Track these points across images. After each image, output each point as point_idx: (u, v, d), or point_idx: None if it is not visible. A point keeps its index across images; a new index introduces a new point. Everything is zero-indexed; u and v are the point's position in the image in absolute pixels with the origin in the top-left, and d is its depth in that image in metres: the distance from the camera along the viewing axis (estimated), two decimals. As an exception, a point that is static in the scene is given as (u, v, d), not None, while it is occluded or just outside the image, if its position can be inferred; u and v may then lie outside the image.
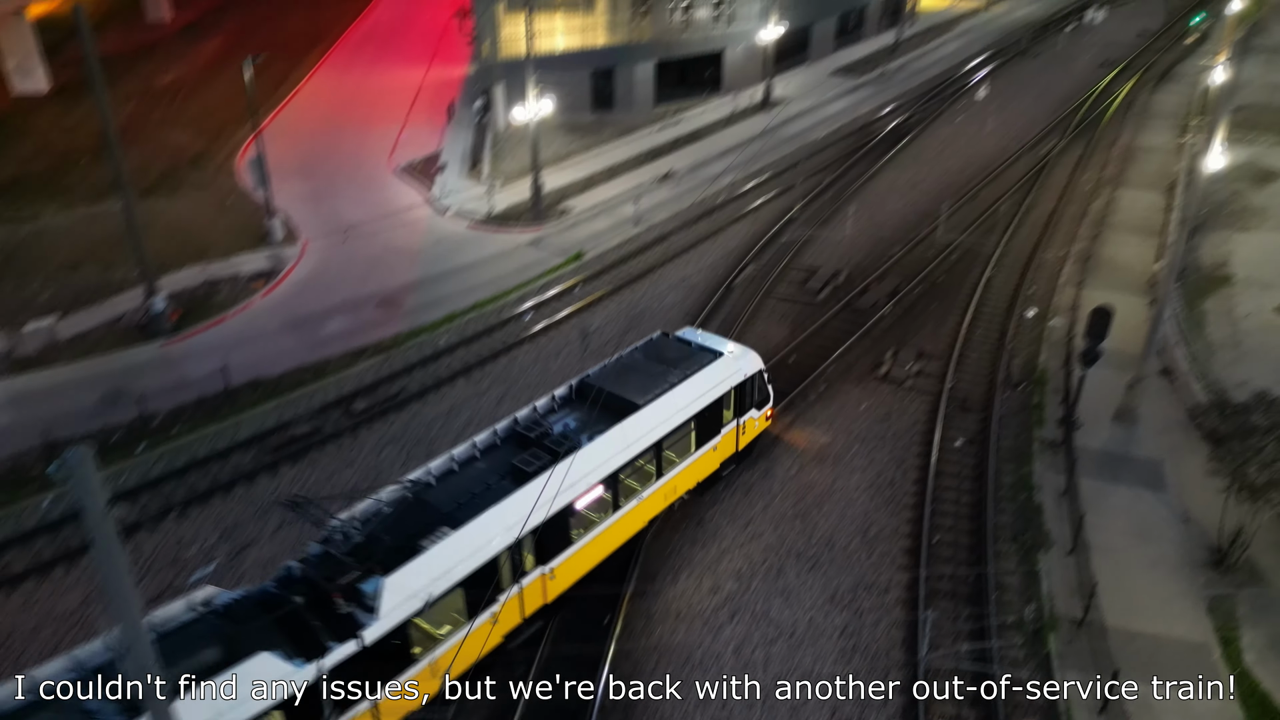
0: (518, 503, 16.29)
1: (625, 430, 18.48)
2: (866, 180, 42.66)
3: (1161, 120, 50.17)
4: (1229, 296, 30.83)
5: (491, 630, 16.47)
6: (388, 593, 14.35)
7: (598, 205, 39.81)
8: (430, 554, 15.13)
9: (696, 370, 20.47)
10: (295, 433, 25.00)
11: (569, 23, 48.62)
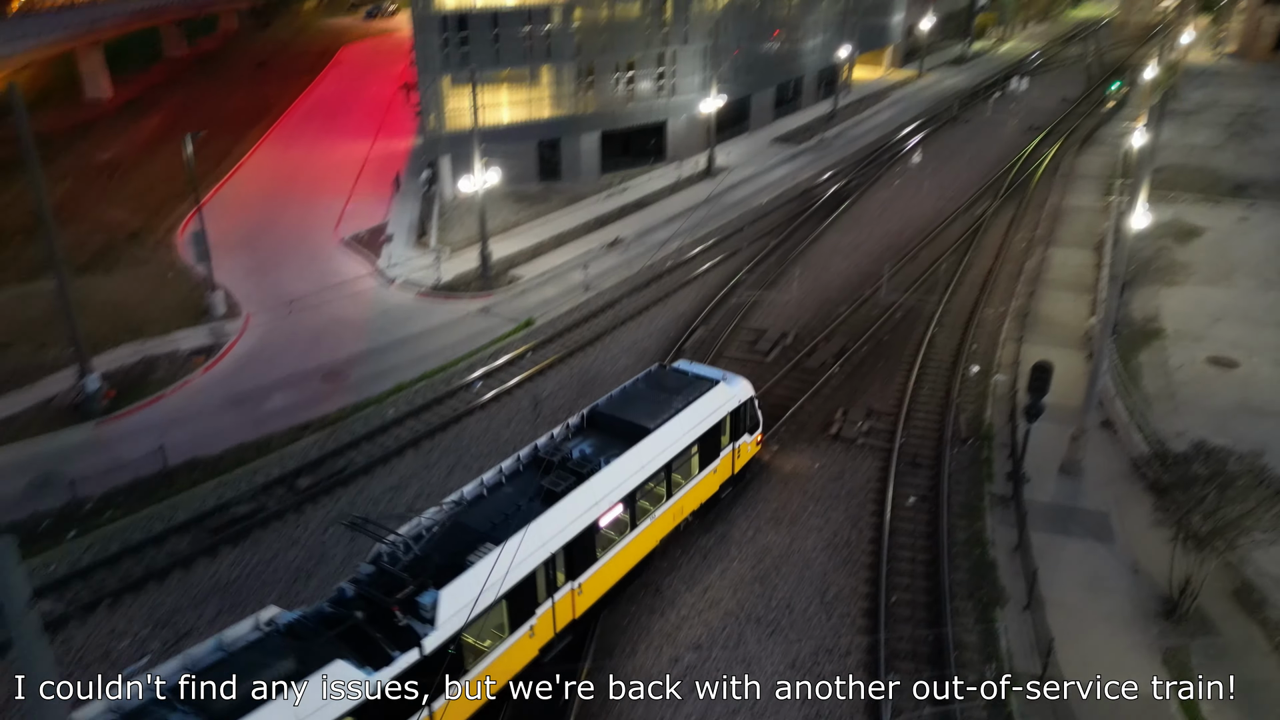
0: (550, 521, 17.58)
1: (639, 453, 19.89)
2: (810, 243, 43.58)
3: (1087, 181, 52.41)
4: (1162, 349, 31.84)
5: (529, 643, 17.58)
6: (444, 604, 15.33)
7: (547, 272, 39.94)
8: (477, 568, 16.10)
9: (697, 397, 22.01)
10: (236, 513, 24.15)
11: (514, 95, 49.43)
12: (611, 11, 50.43)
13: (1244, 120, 64.96)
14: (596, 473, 18.90)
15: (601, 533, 19.05)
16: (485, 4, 45.84)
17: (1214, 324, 33.47)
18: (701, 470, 22.18)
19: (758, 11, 61.94)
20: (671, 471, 20.87)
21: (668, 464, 20.61)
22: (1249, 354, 31.24)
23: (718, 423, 22.20)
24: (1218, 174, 52.33)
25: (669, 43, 53.56)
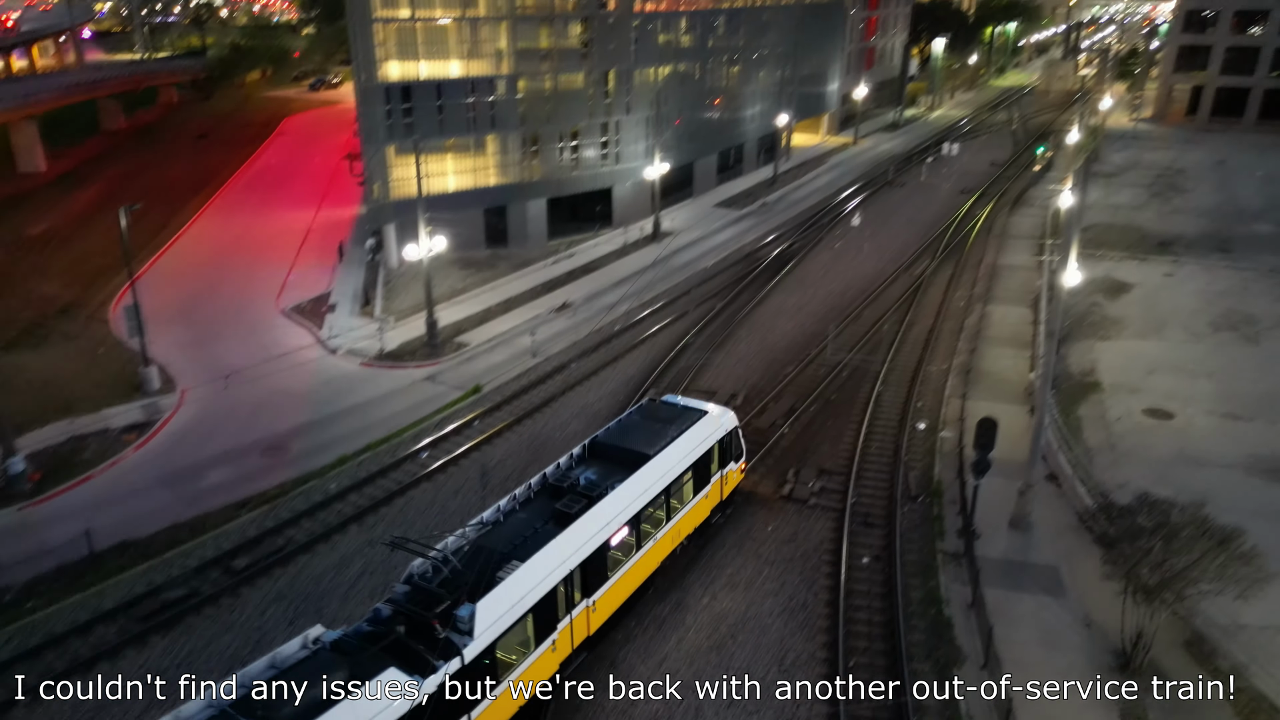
0: (566, 541, 18.76)
1: (641, 478, 21.26)
2: (756, 305, 44.06)
3: (1020, 241, 54.18)
4: (1100, 402, 32.59)
5: (552, 658, 18.60)
6: (480, 616, 16.40)
7: (495, 338, 39.65)
8: (506, 584, 17.21)
9: (690, 426, 23.58)
10: (168, 597, 22.99)
11: (460, 163, 49.67)
12: (555, 82, 51.31)
13: (1163, 181, 68.14)
14: (605, 496, 20.17)
15: (611, 553, 20.26)
16: (429, 75, 46.28)
17: (1148, 376, 34.43)
18: (695, 495, 23.56)
19: (698, 82, 63.64)
20: (670, 496, 22.29)
21: (666, 488, 22.07)
22: (1183, 405, 32.12)
23: (708, 450, 23.71)
24: (1142, 232, 54.56)
25: (612, 112, 54.57)
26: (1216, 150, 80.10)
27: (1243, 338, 38.15)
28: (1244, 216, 58.09)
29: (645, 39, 55.75)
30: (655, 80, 57.76)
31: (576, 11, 52.43)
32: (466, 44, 47.70)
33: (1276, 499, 26.26)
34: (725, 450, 24.66)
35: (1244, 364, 35.51)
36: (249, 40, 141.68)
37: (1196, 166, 73.40)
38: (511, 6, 48.21)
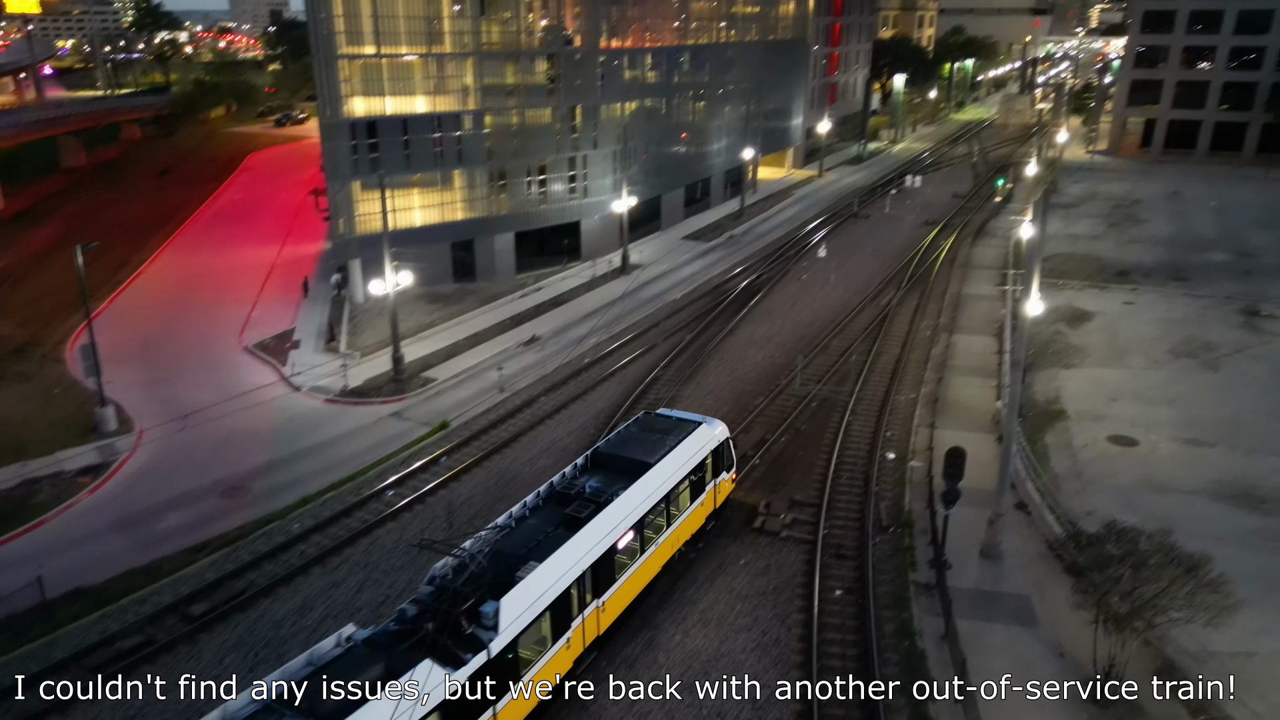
0: (578, 544, 19.64)
1: (643, 485, 22.20)
2: (725, 336, 44.13)
3: (983, 271, 54.96)
4: (1065, 430, 32.88)
5: (566, 654, 19.51)
6: (504, 612, 17.32)
7: (462, 373, 39.26)
8: (526, 583, 18.09)
9: (685, 436, 24.68)
10: (122, 646, 22.17)
11: (426, 198, 49.51)
12: (522, 118, 51.50)
13: (1120, 212, 69.70)
14: (611, 502, 21.11)
15: (619, 556, 21.17)
16: (395, 110, 46.23)
17: (1111, 403, 34.84)
18: (692, 503, 24.58)
19: (664, 117, 64.27)
20: (670, 503, 23.24)
21: (667, 495, 23.02)
22: (1146, 432, 32.49)
23: (703, 459, 24.80)
24: (1101, 261, 55.62)
25: (579, 147, 54.82)
26: (1170, 181, 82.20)
27: (1202, 364, 38.80)
28: (1199, 246, 59.47)
29: (611, 75, 56.27)
30: (622, 115, 58.22)
31: (542, 48, 52.86)
32: (432, 80, 47.79)
33: (1240, 524, 26.52)
34: (718, 459, 25.79)
35: (1204, 390, 36.08)
36: (213, 76, 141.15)
37: (1151, 197, 75.21)
38: (477, 43, 48.44)
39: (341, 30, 43.63)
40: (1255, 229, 64.06)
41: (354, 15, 43.79)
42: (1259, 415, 33.78)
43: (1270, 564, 24.56)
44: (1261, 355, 39.78)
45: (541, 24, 53.58)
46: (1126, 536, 19.35)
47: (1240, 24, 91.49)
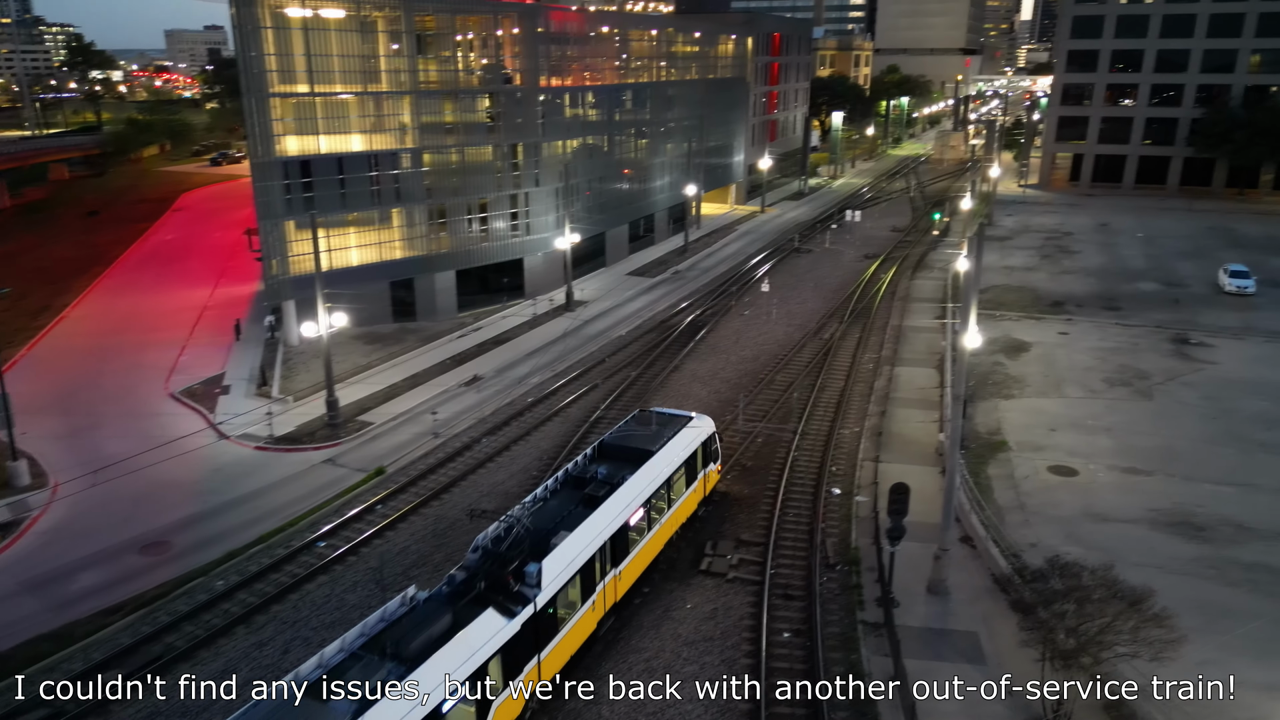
0: (598, 518, 22.50)
1: (648, 469, 25.13)
2: (670, 373, 43.78)
3: (923, 303, 55.65)
4: (1007, 461, 33.02)
5: (592, 616, 22.17)
6: (546, 571, 19.99)
7: (400, 415, 38.18)
8: (560, 549, 20.89)
9: (680, 429, 27.71)
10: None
11: (364, 237, 48.55)
12: (462, 156, 50.99)
13: (1052, 244, 71.53)
14: (623, 484, 23.95)
15: (631, 531, 23.81)
16: (329, 149, 45.37)
17: (1051, 434, 35.17)
18: (688, 488, 27.48)
19: (607, 154, 64.39)
20: (670, 486, 26.09)
21: (667, 479, 25.85)
22: (1086, 461, 32.79)
23: (695, 450, 27.69)
24: (1036, 292, 56.77)
25: (521, 184, 54.45)
26: (1099, 214, 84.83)
27: (1137, 393, 39.51)
28: (1129, 276, 61.15)
29: (552, 113, 56.19)
30: (564, 152, 58.12)
31: (481, 87, 52.59)
32: (369, 118, 47.11)
33: (1179, 552, 26.71)
34: (707, 450, 28.76)
35: (1139, 419, 36.65)
36: (147, 115, 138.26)
37: (1082, 229, 77.42)
38: (414, 82, 47.95)
39: (274, 69, 42.78)
40: (1181, 259, 66.18)
41: (286, 54, 43.01)
42: (1192, 442, 34.36)
43: (1211, 593, 24.69)
44: (1192, 382, 40.66)
45: (481, 63, 53.43)
46: (1070, 571, 19.21)
47: (1160, 63, 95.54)
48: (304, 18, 42.89)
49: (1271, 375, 41.49)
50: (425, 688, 16.37)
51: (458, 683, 17.13)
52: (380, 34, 47.53)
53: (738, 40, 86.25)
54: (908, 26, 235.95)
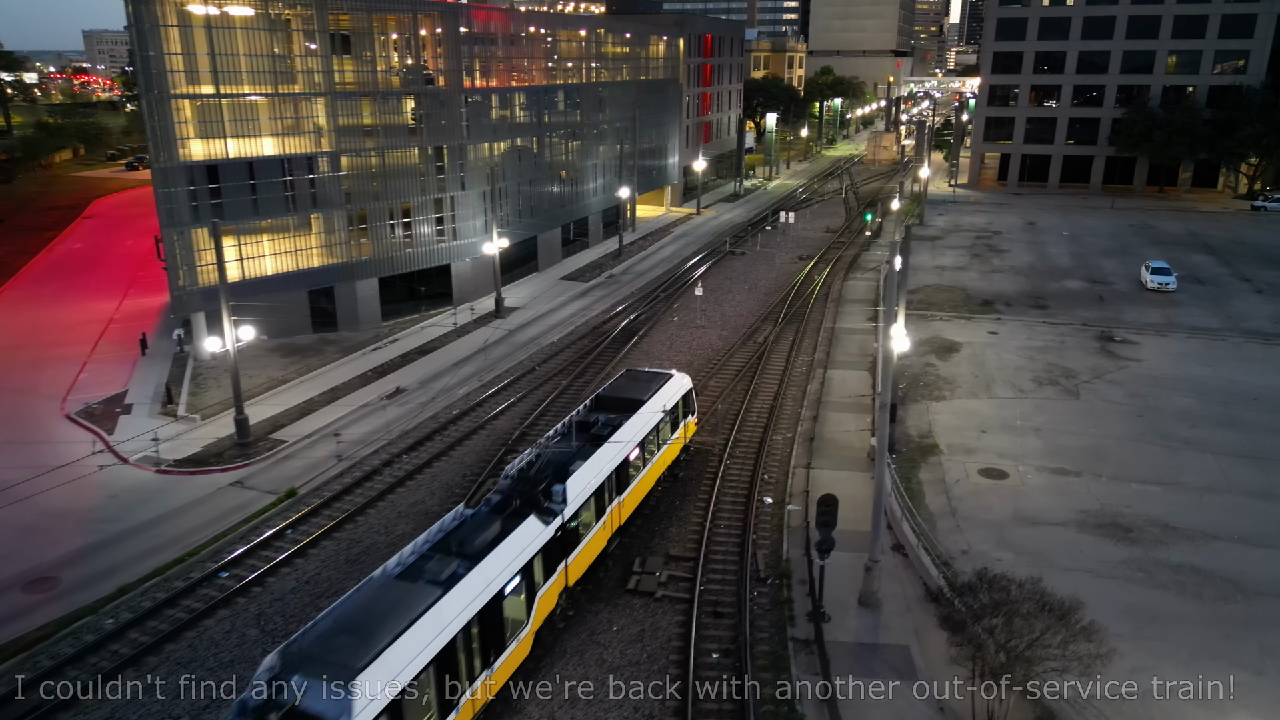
0: (604, 453, 26.08)
1: (640, 416, 28.61)
2: (601, 380, 42.68)
3: (855, 305, 55.55)
4: (939, 465, 32.71)
5: (602, 534, 25.72)
6: (570, 489, 23.59)
7: (316, 432, 36.39)
8: (578, 474, 24.46)
9: (664, 383, 31.35)
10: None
11: (280, 244, 46.43)
12: (383, 159, 49.19)
13: (982, 243, 72.35)
14: (621, 426, 27.54)
15: (629, 467, 27.35)
16: (239, 153, 43.21)
17: (982, 435, 35.02)
18: (672, 433, 31.02)
19: (537, 156, 63.02)
20: (658, 431, 29.53)
21: (656, 425, 29.24)
22: (1016, 463, 32.65)
23: (677, 402, 31.34)
24: (967, 292, 57.15)
25: (446, 188, 52.84)
26: (1027, 212, 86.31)
27: (1064, 391, 39.70)
28: (1056, 274, 62.02)
29: (478, 115, 54.68)
30: (491, 155, 56.66)
31: (402, 88, 50.81)
32: (282, 120, 45.06)
33: (1108, 555, 26.56)
34: (686, 403, 32.44)
35: (1067, 418, 36.75)
36: (59, 118, 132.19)
37: (1010, 228, 78.57)
38: (330, 83, 46.06)
39: (176, 69, 40.56)
40: (1105, 256, 67.45)
41: (189, 53, 40.81)
42: (1118, 441, 34.51)
43: (1140, 597, 24.54)
44: (1118, 380, 41.05)
45: (402, 63, 51.65)
46: (998, 585, 18.66)
47: (1082, 64, 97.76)
48: (207, 15, 40.73)
49: (1193, 371, 42.14)
50: (489, 576, 20.07)
51: (511, 574, 20.76)
52: (293, 33, 45.54)
53: (669, 41, 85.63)
54: (840, 29, 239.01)
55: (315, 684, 15.76)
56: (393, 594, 18.57)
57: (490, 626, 19.75)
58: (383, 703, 16.02)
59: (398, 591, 18.69)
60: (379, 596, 18.52)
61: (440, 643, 17.90)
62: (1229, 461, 32.68)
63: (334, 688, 15.61)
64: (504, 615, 20.31)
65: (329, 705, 15.46)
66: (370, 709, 15.75)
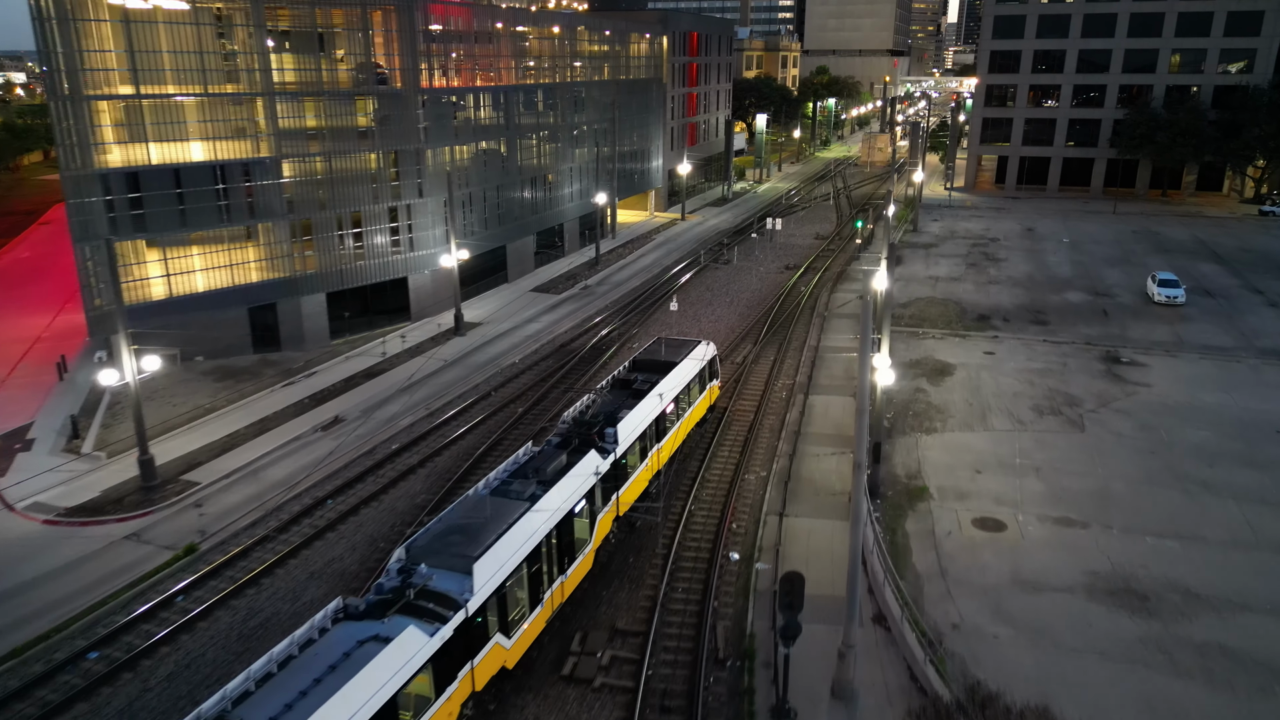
0: (645, 404, 28.88)
1: (674, 375, 31.35)
2: (564, 407, 39.07)
3: (842, 320, 51.83)
4: (928, 512, 29.04)
5: (645, 474, 28.88)
6: (620, 432, 26.97)
7: (236, 472, 32.67)
8: (626, 419, 27.56)
9: (693, 348, 33.93)
10: None
11: (212, 258, 42.64)
12: (329, 165, 45.46)
13: (979, 250, 68.71)
14: (658, 384, 30.13)
15: (665, 419, 30.05)
16: (163, 159, 39.43)
17: (976, 476, 31.36)
18: (700, 393, 34.03)
19: (506, 160, 59.29)
20: (688, 390, 32.36)
21: (686, 384, 32.04)
22: (1014, 510, 28.98)
23: (704, 366, 34.06)
24: (962, 305, 53.51)
25: (402, 196, 49.14)
26: (1025, 218, 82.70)
27: (1068, 422, 36.05)
28: (1056, 285, 58.40)
29: (439, 116, 50.95)
30: (455, 160, 52.95)
31: (352, 88, 47.05)
32: (214, 124, 41.28)
33: (1122, 631, 22.90)
34: (712, 367, 35.42)
35: (1071, 454, 33.10)
36: (29, 119, 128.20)
37: (1008, 235, 74.95)
38: (268, 82, 42.31)
39: (90, 68, 36.81)
40: (1107, 266, 63.86)
41: (105, 50, 37.06)
42: (1129, 483, 30.86)
43: (1160, 686, 20.87)
44: (1125, 409, 37.40)
45: (350, 60, 47.85)
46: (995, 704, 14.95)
47: (1082, 63, 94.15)
48: (125, 7, 36.97)
49: (1208, 399, 38.51)
50: (563, 496, 23.23)
51: (579, 497, 23.92)
52: (226, 28, 41.79)
53: (651, 40, 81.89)
54: (835, 28, 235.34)
55: (442, 570, 19.60)
56: (488, 507, 22.05)
57: (564, 539, 23.33)
58: (492, 586, 19.93)
59: (492, 505, 22.15)
60: (478, 508, 22.04)
61: (529, 546, 21.48)
62: (1254, 510, 29.03)
63: (457, 573, 19.53)
64: (573, 531, 23.94)
65: (454, 584, 19.34)
66: (485, 589, 19.65)
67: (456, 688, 18.72)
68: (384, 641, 17.08)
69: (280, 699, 15.53)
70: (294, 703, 15.40)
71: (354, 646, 16.99)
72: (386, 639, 17.14)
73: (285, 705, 15.34)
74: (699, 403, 33.91)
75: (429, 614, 18.41)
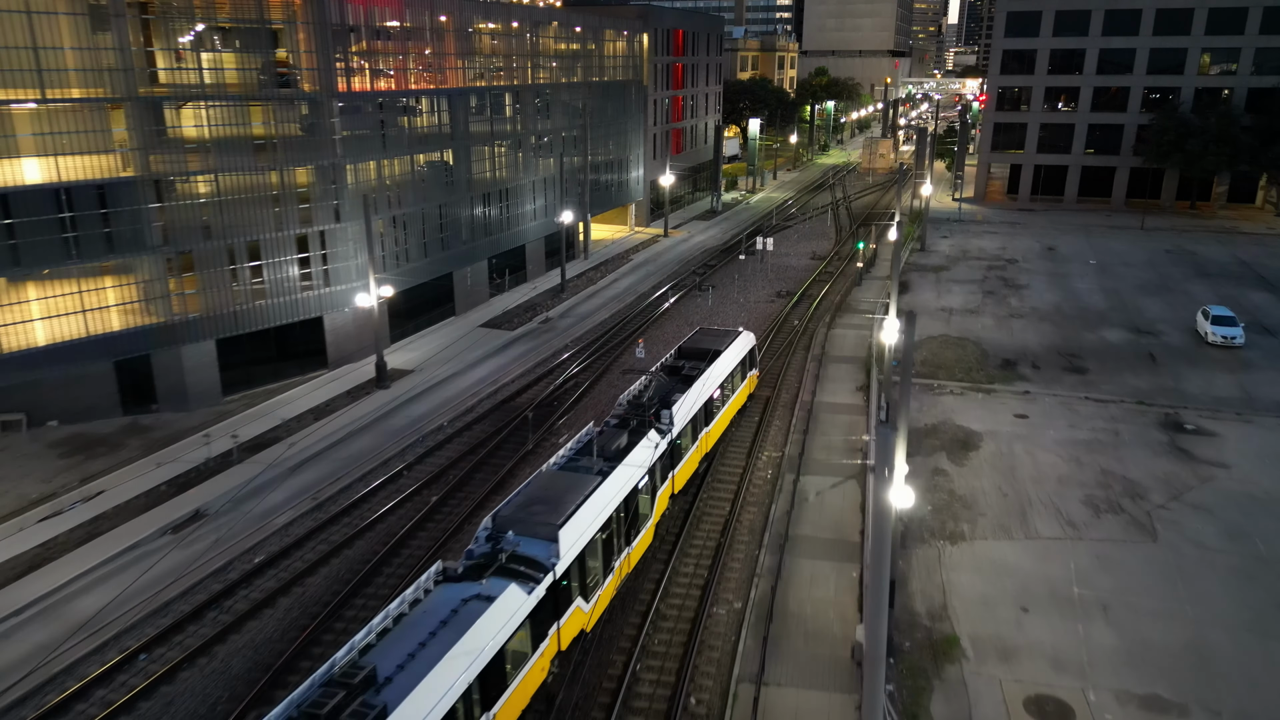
0: (695, 389, 30.51)
1: (719, 362, 33.19)
2: (505, 477, 31.24)
3: (842, 366, 43.60)
4: (960, 681, 20.92)
5: (696, 454, 30.46)
6: (675, 414, 28.26)
7: (33, 604, 24.56)
8: (680, 402, 29.02)
9: (735, 338, 35.77)
10: None
11: (66, 301, 34.44)
12: (216, 185, 37.34)
13: (995, 274, 60.60)
14: (705, 370, 31.84)
15: (711, 404, 31.72)
16: (-18, 182, 31.32)
17: (1022, 619, 23.23)
18: (742, 380, 35.73)
19: (451, 174, 51.11)
20: (732, 376, 34.15)
21: (730, 371, 33.84)
22: (1080, 681, 20.86)
23: (745, 354, 35.83)
24: (981, 346, 45.39)
25: (314, 221, 40.99)
26: (1044, 234, 74.62)
27: (1134, 525, 27.89)
28: (1090, 320, 50.26)
29: (360, 125, 42.82)
30: (386, 175, 44.83)
31: (243, 92, 38.81)
32: (56, 137, 33.07)
33: None
34: (752, 356, 36.70)
35: (1147, 580, 24.96)
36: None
37: (1027, 254, 66.84)
38: (132, 85, 34.18)
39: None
40: (1144, 294, 55.77)
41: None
42: (1230, 632, 22.73)
43: None
44: (1203, 503, 29.26)
45: (243, 58, 39.61)
46: None
47: (1103, 63, 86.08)
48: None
49: (1306, 486, 30.38)
50: (629, 471, 24.80)
51: (642, 473, 25.28)
52: (71, 16, 33.61)
53: (630, 37, 73.74)
54: (835, 28, 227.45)
55: (528, 537, 20.97)
56: (563, 481, 23.45)
57: (630, 512, 24.40)
58: (575, 553, 21.25)
59: (566, 479, 23.54)
60: (554, 481, 23.48)
61: (603, 517, 22.79)
62: None
63: (543, 539, 20.90)
64: (638, 506, 25.04)
65: (540, 550, 20.62)
66: (568, 555, 20.97)
67: (547, 644, 20.25)
68: (487, 600, 18.54)
69: (403, 649, 17.03)
70: (415, 652, 16.90)
71: (459, 604, 18.38)
72: (489, 598, 18.62)
73: (409, 654, 16.86)
74: (741, 389, 35.66)
75: (522, 575, 19.75)
